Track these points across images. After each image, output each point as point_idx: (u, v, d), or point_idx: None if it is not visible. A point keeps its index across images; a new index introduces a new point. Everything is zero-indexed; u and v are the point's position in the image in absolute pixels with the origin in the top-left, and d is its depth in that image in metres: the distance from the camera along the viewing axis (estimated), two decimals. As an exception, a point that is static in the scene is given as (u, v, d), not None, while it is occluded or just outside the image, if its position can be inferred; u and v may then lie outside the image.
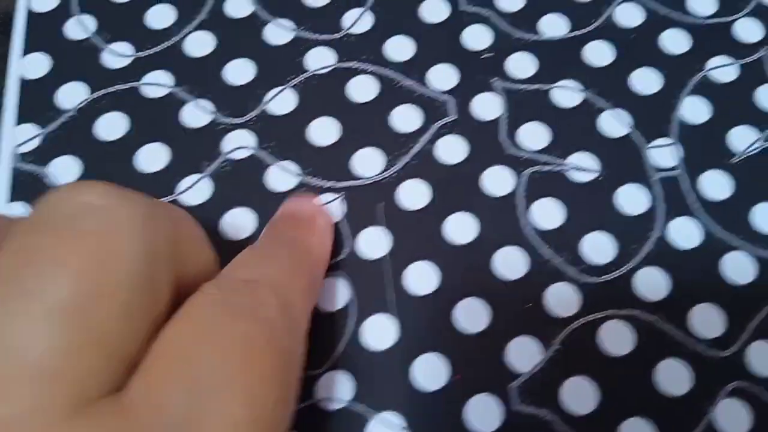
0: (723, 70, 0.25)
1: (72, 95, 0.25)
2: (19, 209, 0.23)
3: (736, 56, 0.25)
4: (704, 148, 0.24)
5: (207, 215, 0.23)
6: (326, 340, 0.21)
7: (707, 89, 0.25)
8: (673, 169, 0.24)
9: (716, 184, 0.23)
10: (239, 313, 0.14)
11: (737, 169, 0.24)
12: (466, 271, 0.22)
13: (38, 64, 0.25)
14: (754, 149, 0.24)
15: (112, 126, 0.24)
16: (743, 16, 0.26)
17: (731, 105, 0.25)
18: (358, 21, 0.26)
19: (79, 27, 0.26)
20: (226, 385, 0.13)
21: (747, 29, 0.26)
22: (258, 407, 0.13)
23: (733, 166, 0.24)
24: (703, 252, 0.22)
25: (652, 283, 0.22)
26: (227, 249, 0.18)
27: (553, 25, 0.26)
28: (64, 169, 0.24)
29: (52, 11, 0.26)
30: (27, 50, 0.25)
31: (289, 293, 0.16)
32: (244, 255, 0.17)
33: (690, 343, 0.21)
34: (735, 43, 0.26)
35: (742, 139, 0.24)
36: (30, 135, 0.24)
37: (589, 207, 0.23)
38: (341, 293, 0.22)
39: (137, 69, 0.25)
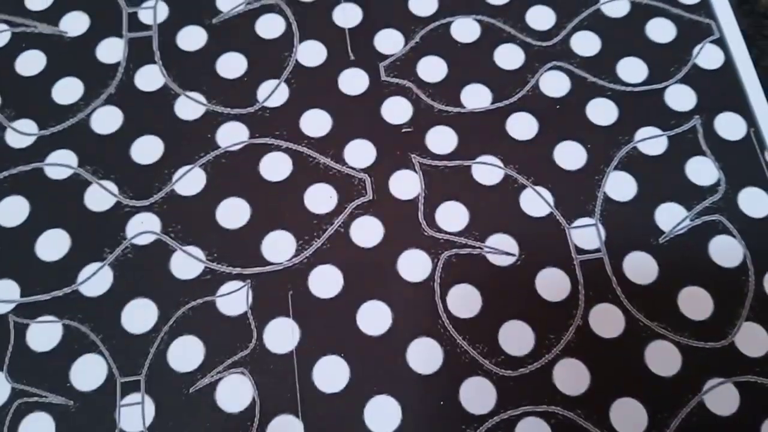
0: (651, 142, 0.24)
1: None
2: None
3: (665, 127, 0.24)
4: (629, 227, 0.23)
5: (108, 305, 0.22)
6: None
7: (634, 163, 0.24)
8: (596, 251, 0.22)
9: (641, 268, 0.22)
10: None
11: (663, 250, 0.23)
12: (378, 365, 0.21)
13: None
14: (682, 228, 0.23)
15: (13, 211, 0.23)
16: (675, 82, 0.25)
17: (659, 180, 0.24)
18: (273, 93, 0.25)
19: (-18, 103, 0.25)
20: None
21: (678, 97, 0.25)
22: None
23: (659, 247, 0.23)
24: (625, 341, 0.21)
25: (571, 375, 0.21)
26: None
27: (476, 96, 0.25)
28: (-42, 258, 0.22)
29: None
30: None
31: None
32: None
33: (610, 442, 0.20)
34: (665, 112, 0.25)
35: (669, 217, 0.23)
36: (-77, 222, 0.23)
37: (508, 293, 0.22)
38: (244, 393, 0.21)
39: (41, 148, 0.24)
